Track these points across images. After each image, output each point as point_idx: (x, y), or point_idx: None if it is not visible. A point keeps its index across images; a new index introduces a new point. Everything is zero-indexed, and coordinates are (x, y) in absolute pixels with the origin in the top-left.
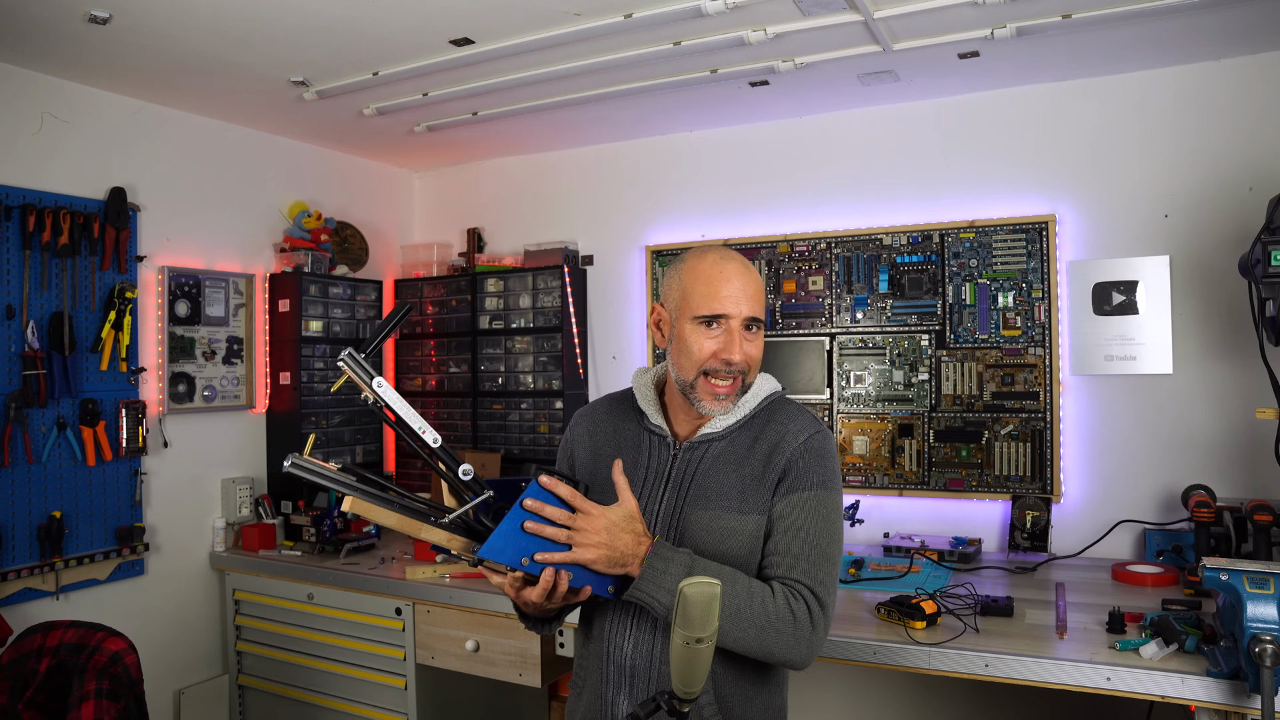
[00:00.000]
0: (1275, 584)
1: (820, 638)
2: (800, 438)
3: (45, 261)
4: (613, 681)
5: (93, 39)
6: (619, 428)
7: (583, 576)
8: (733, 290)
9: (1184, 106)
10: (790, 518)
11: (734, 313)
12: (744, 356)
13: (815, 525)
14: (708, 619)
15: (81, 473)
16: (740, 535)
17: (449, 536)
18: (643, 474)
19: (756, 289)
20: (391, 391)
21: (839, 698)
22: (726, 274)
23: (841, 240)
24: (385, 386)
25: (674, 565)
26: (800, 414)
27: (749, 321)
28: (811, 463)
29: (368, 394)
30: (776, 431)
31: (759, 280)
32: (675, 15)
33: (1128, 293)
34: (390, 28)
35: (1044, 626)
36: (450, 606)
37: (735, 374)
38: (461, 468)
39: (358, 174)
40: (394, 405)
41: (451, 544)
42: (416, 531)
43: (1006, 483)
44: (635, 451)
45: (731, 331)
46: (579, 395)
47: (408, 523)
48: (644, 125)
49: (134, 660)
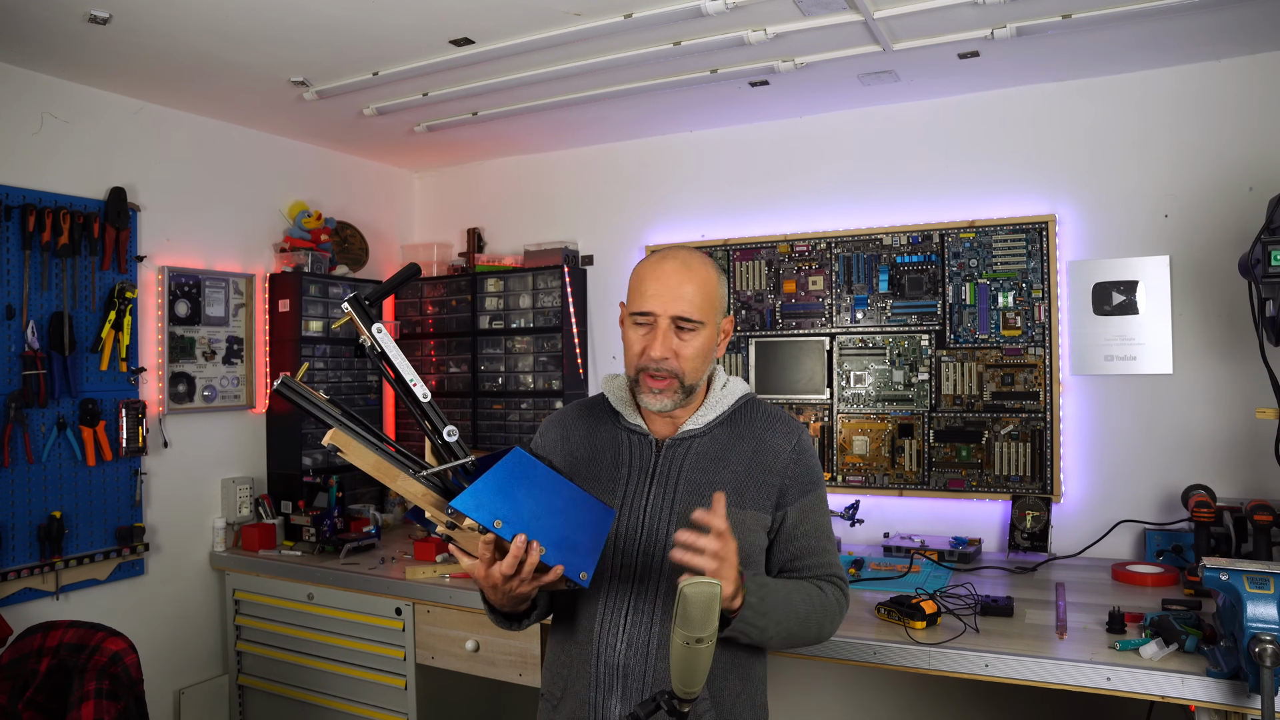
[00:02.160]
0: (1275, 584)
1: (845, 608)
2: (788, 444)
3: (45, 261)
4: (603, 684)
5: (93, 39)
6: (593, 431)
7: (557, 553)
8: (661, 289)
9: (1184, 106)
10: (808, 521)
11: (659, 310)
12: (668, 354)
13: (823, 520)
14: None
15: (81, 473)
16: (739, 528)
17: (424, 491)
18: (625, 472)
19: (694, 289)
20: (389, 339)
21: (839, 698)
22: (660, 273)
23: (841, 240)
24: (384, 333)
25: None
26: (779, 417)
27: (678, 320)
28: (806, 465)
29: (366, 337)
30: (758, 434)
31: (702, 280)
32: (675, 15)
33: (1128, 293)
34: (390, 28)
35: (1044, 626)
36: (450, 606)
37: (666, 373)
38: (446, 429)
39: (358, 174)
40: (389, 353)
41: (425, 499)
42: (392, 479)
43: (1006, 483)
44: (614, 452)
45: (657, 329)
46: (579, 395)
47: (385, 467)
48: (644, 125)
49: (134, 660)
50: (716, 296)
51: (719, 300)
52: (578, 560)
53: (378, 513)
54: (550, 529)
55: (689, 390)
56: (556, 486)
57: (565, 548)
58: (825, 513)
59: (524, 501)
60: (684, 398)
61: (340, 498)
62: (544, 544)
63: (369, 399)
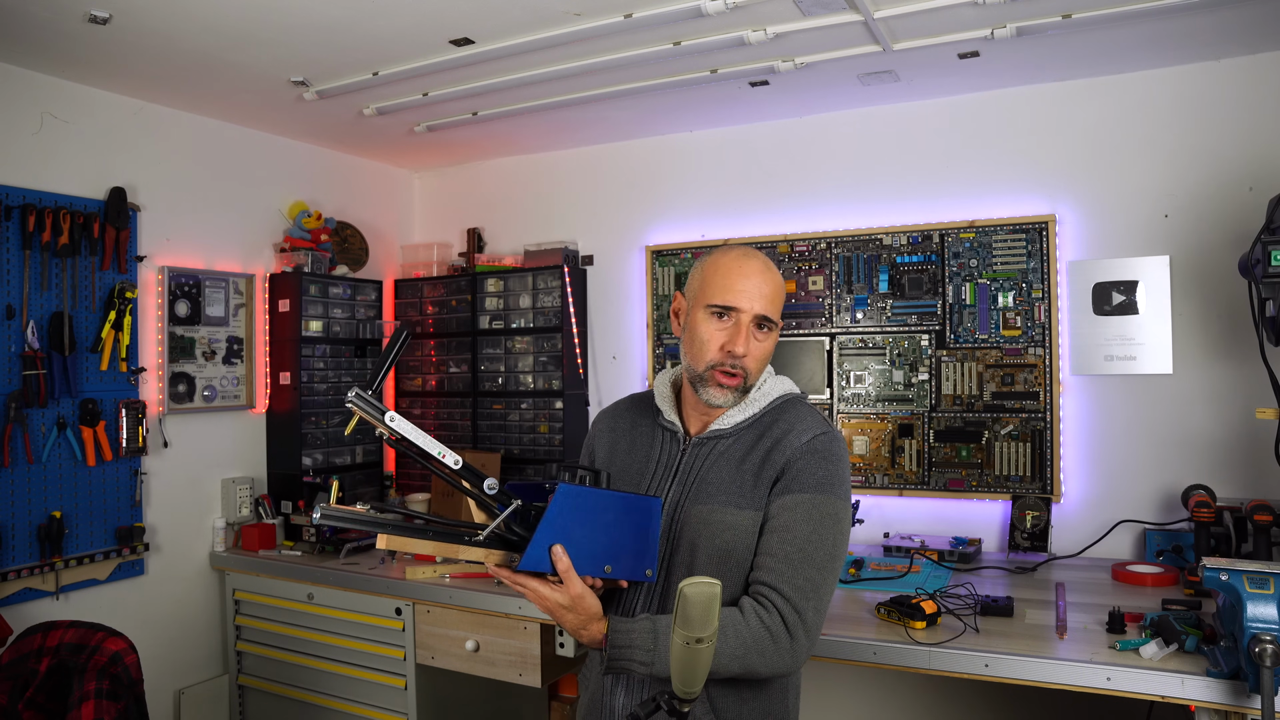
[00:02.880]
0: (1275, 584)
1: (802, 645)
2: (803, 438)
3: (45, 261)
4: (624, 678)
5: (93, 39)
6: (636, 424)
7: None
8: (749, 286)
9: (1184, 106)
10: (780, 519)
11: (745, 307)
12: (749, 352)
13: (805, 529)
14: (708, 619)
15: (81, 473)
16: (736, 530)
17: (487, 552)
18: (653, 468)
19: (774, 290)
20: (404, 423)
21: (839, 698)
22: (746, 270)
23: (841, 240)
24: (398, 419)
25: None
26: (809, 415)
27: (760, 319)
28: (811, 464)
29: (381, 430)
30: (781, 430)
31: (778, 283)
32: (675, 15)
33: (1128, 293)
34: (390, 28)
35: (1044, 626)
36: (450, 606)
37: (738, 370)
38: (486, 482)
39: (358, 174)
40: (409, 436)
41: (489, 559)
42: (456, 553)
43: (1006, 483)
44: (649, 446)
45: (740, 325)
46: (579, 395)
47: (445, 547)
48: (644, 125)
49: (134, 660)
50: (782, 301)
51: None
52: (640, 564)
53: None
54: (608, 546)
55: (748, 390)
56: (605, 504)
57: (626, 556)
58: (812, 523)
59: (580, 533)
60: (742, 396)
61: (340, 498)
62: (608, 562)
63: None
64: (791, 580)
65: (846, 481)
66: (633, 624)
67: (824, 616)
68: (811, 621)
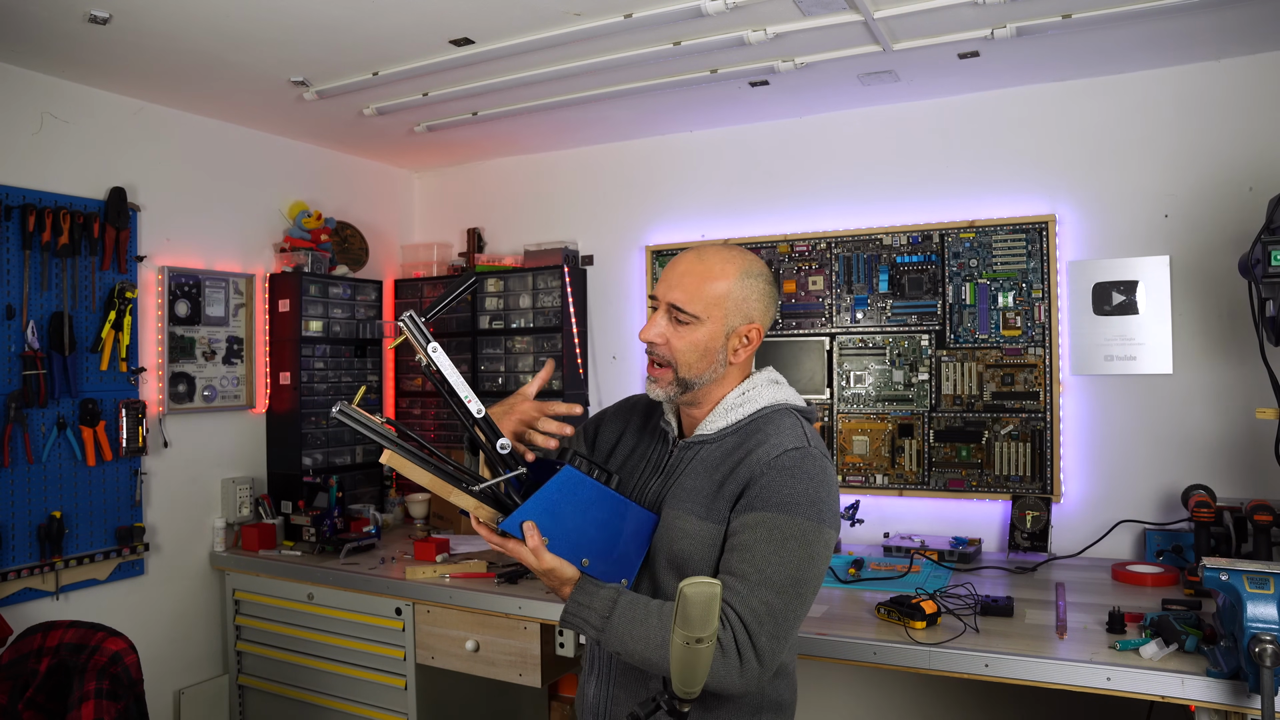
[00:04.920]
0: (1275, 584)
1: (752, 668)
2: (771, 453)
3: (45, 261)
4: (586, 666)
5: (93, 39)
6: (645, 421)
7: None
8: (670, 275)
9: (1184, 106)
10: (739, 536)
11: (661, 294)
12: (655, 336)
13: (764, 549)
14: (708, 619)
15: (81, 473)
16: (693, 539)
17: (477, 504)
18: (643, 465)
19: (696, 281)
20: (445, 358)
21: (839, 698)
22: (678, 261)
23: (841, 240)
24: (440, 351)
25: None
26: (788, 429)
27: (673, 309)
28: (776, 481)
29: (422, 356)
30: (754, 443)
31: (710, 276)
32: (675, 15)
33: (1128, 293)
34: (390, 28)
35: (1044, 626)
36: (450, 606)
37: (661, 359)
38: (500, 441)
39: (358, 174)
40: (445, 371)
41: (479, 511)
42: (447, 493)
43: (1006, 483)
44: (647, 444)
45: (654, 314)
46: (579, 395)
47: (440, 483)
48: (644, 125)
49: (134, 660)
50: (725, 296)
51: (730, 301)
52: (619, 570)
53: (378, 513)
54: (593, 541)
55: (686, 385)
56: (602, 500)
57: (608, 558)
58: (773, 544)
59: (569, 519)
60: (681, 391)
61: (340, 498)
62: (587, 556)
63: (369, 399)
64: (746, 602)
65: (820, 502)
66: (599, 589)
67: (784, 644)
68: (765, 647)
